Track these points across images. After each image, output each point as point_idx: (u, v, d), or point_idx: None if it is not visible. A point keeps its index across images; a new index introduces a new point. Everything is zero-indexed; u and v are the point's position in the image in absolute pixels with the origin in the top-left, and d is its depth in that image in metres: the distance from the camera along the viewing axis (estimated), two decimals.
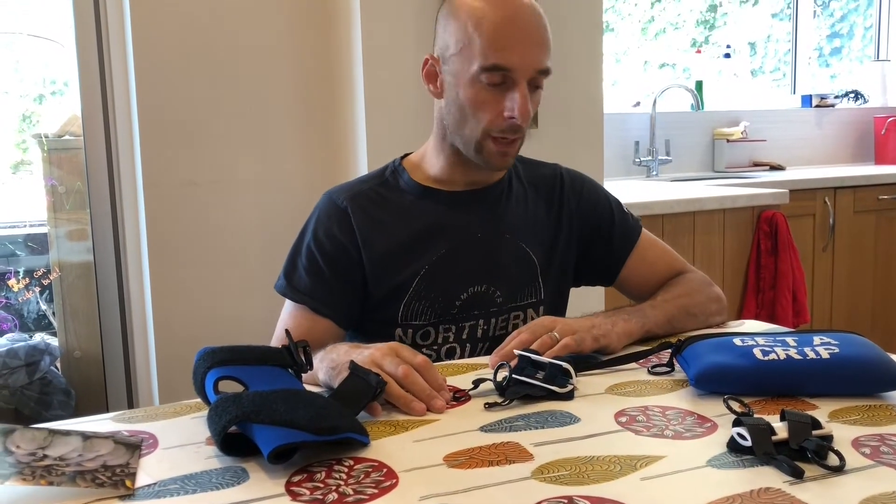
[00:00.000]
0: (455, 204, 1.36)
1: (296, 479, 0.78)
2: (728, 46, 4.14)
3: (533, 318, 1.39)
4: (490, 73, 1.22)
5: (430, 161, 1.37)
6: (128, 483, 0.78)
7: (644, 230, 1.48)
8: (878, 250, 3.38)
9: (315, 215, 1.38)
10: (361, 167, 2.10)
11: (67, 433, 0.84)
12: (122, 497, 0.75)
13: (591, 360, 1.15)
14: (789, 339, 1.06)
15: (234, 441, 0.84)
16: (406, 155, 1.43)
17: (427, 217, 1.34)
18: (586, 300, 2.22)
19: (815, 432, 0.82)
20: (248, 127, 2.18)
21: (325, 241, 1.33)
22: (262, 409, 0.83)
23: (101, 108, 2.20)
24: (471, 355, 1.33)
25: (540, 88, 1.28)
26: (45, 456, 0.79)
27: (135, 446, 0.86)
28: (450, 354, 1.33)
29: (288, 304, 1.35)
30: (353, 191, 1.37)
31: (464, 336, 1.34)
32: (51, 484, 0.74)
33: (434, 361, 1.09)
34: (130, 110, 2.13)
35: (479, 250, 1.35)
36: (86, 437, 0.85)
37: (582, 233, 1.43)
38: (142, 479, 0.79)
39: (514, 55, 1.21)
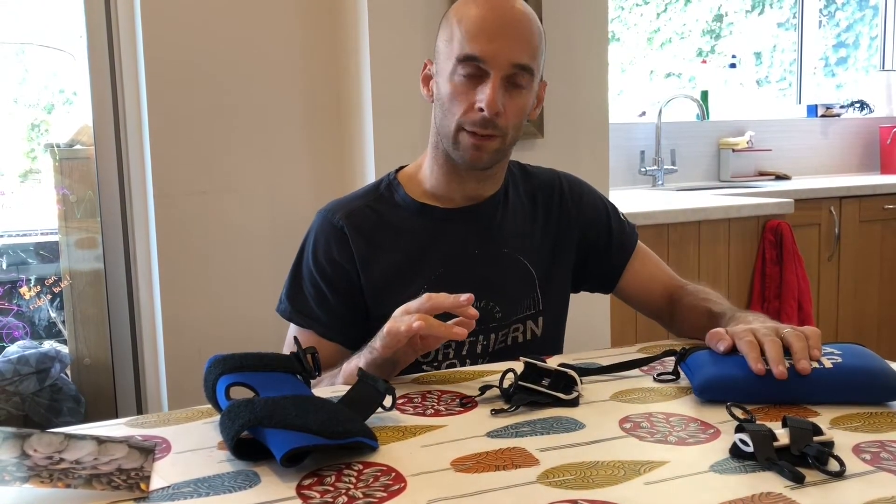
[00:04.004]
0: (451, 220, 1.35)
1: (306, 482, 0.80)
2: (734, 56, 4.15)
3: (533, 330, 1.38)
4: (464, 63, 1.22)
5: (425, 173, 1.36)
6: (142, 486, 0.79)
7: (639, 241, 1.47)
8: (884, 260, 3.38)
9: (312, 236, 1.36)
10: (369, 175, 2.11)
11: (82, 437, 0.86)
12: (137, 499, 0.77)
13: (592, 366, 1.16)
14: None
15: (245, 446, 0.86)
16: (400, 169, 1.42)
17: (424, 235, 1.34)
18: (591, 308, 2.24)
19: (816, 438, 0.83)
20: (258, 136, 2.20)
21: (326, 265, 1.32)
22: (274, 414, 0.84)
23: (112, 117, 2.22)
24: None
25: (521, 88, 1.25)
26: (62, 459, 0.81)
27: (148, 450, 0.88)
28: None
29: (293, 328, 1.35)
30: (348, 208, 1.35)
31: (464, 352, 1.33)
32: (68, 486, 0.76)
33: None
34: (141, 120, 2.16)
35: (476, 267, 1.34)
36: (100, 441, 0.86)
37: (581, 240, 1.43)
38: (156, 483, 0.81)
39: (487, 45, 1.21)
